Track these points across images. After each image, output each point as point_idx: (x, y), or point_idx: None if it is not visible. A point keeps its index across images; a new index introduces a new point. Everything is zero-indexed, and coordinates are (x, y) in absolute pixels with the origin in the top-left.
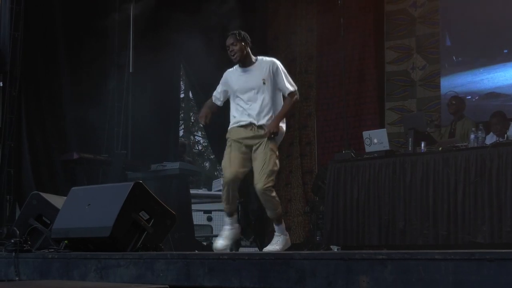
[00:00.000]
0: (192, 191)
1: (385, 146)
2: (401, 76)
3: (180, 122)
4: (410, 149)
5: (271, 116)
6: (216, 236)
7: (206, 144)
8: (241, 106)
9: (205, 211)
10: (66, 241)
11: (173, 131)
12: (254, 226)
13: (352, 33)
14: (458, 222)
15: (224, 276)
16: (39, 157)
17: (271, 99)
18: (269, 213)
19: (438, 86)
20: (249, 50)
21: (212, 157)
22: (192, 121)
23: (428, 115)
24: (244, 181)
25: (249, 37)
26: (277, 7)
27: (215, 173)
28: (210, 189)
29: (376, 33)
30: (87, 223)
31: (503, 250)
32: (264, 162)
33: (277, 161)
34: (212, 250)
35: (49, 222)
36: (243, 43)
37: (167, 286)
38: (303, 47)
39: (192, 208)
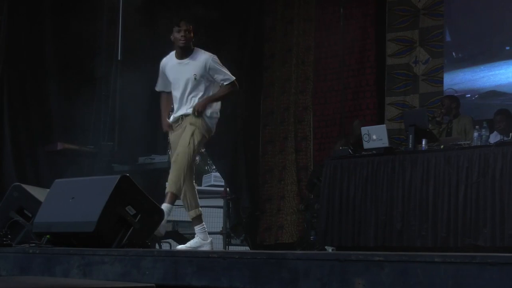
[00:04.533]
0: None
1: (385, 143)
2: (402, 69)
3: (170, 113)
4: (410, 146)
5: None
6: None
7: None
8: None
9: None
10: (48, 236)
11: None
12: (245, 224)
13: (352, 24)
14: (459, 224)
15: (214, 275)
16: (21, 147)
17: (202, 95)
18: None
19: (441, 81)
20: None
21: (202, 150)
22: None
23: (430, 111)
24: (236, 177)
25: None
26: None
27: (206, 168)
28: (200, 184)
29: (377, 24)
30: (70, 217)
31: (506, 254)
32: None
33: (198, 135)
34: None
35: (30, 215)
36: (193, 33)
37: (153, 285)
38: (300, 37)
39: (181, 204)
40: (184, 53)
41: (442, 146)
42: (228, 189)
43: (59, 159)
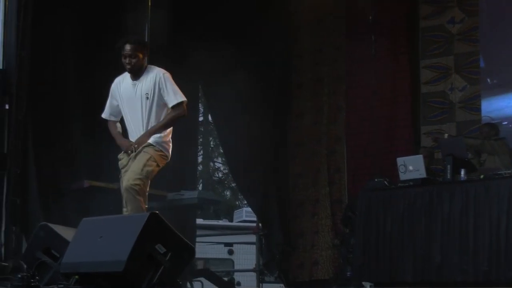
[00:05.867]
0: (212, 222)
1: (421, 173)
2: (438, 97)
3: (199, 147)
4: (448, 177)
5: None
6: (238, 271)
7: (226, 171)
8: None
9: (226, 244)
10: (76, 276)
11: (191, 157)
12: (278, 260)
13: (384, 51)
14: (501, 257)
15: None
16: (47, 185)
17: (155, 115)
18: None
19: (479, 109)
20: (143, 60)
21: (233, 185)
22: (212, 146)
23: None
24: (267, 211)
25: (147, 46)
26: (300, 23)
27: (237, 203)
28: (231, 220)
29: (411, 51)
30: (99, 256)
31: None
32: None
33: (152, 163)
34: (234, 287)
35: (58, 255)
36: (139, 55)
37: None
38: (331, 66)
39: (212, 241)
40: (137, 74)
41: (482, 176)
42: (260, 224)
43: (86, 197)
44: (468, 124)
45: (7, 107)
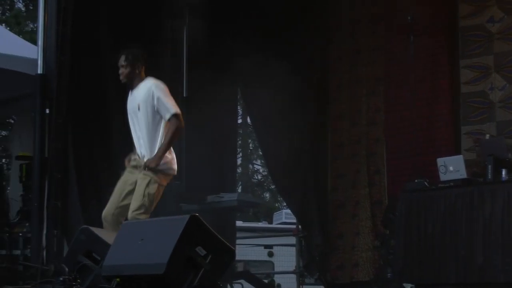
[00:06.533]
0: (252, 224)
1: (462, 174)
2: (478, 97)
3: (238, 149)
4: (489, 177)
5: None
6: (279, 273)
7: (265, 173)
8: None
9: (266, 246)
10: (117, 279)
11: (230, 160)
12: (318, 262)
13: (423, 51)
14: None
15: None
16: (87, 189)
17: (147, 126)
18: None
19: None
20: (139, 72)
21: (272, 187)
22: (251, 148)
23: None
24: (307, 213)
25: (144, 57)
26: (339, 24)
27: (276, 205)
28: (271, 222)
29: (450, 51)
30: (139, 259)
31: None
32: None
33: (152, 185)
34: None
35: (99, 258)
36: (133, 67)
37: None
38: (369, 67)
39: (252, 243)
40: (134, 85)
41: None
42: (300, 226)
43: None
44: (509, 123)
45: (47, 111)
